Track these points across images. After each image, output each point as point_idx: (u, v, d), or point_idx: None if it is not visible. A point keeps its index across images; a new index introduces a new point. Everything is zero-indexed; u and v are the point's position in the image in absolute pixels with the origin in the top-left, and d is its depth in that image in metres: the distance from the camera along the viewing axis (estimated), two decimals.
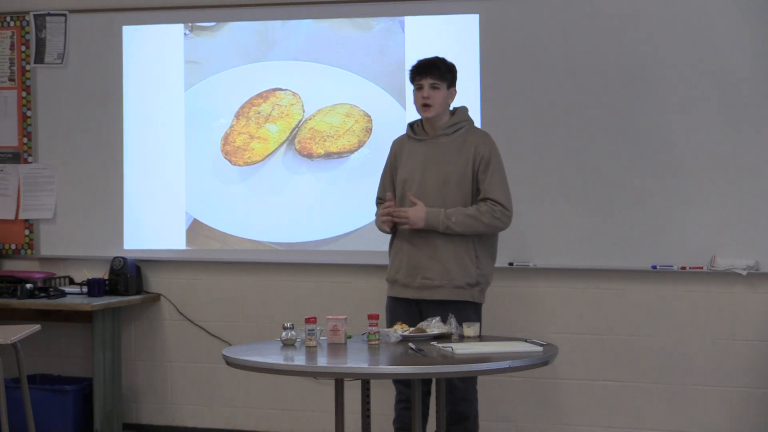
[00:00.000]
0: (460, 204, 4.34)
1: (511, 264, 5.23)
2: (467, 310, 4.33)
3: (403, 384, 4.41)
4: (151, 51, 5.76)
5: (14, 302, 5.45)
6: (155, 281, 5.79)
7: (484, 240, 4.41)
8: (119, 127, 5.76)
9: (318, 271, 5.56)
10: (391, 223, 4.39)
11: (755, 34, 4.97)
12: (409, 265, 4.38)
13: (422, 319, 4.26)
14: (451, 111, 4.49)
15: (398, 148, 4.56)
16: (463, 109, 4.52)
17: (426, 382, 4.24)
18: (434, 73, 4.39)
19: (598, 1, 5.15)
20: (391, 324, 4.23)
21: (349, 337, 4.03)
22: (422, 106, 4.40)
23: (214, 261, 5.69)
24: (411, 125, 4.55)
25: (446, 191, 4.35)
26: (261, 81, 5.60)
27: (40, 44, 5.86)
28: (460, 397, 4.34)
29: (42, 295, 5.50)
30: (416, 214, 4.30)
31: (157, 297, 5.78)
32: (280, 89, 5.59)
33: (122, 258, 5.65)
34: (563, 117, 5.18)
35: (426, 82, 4.38)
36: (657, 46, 5.07)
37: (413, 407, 3.77)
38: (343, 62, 5.48)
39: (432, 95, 4.38)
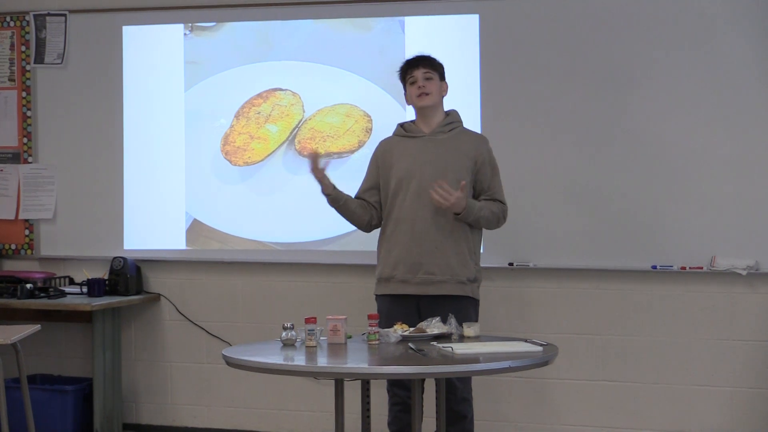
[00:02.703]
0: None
1: (511, 264, 5.23)
2: (467, 306, 4.36)
3: (399, 387, 4.40)
4: (151, 51, 5.76)
5: (14, 302, 5.44)
6: (155, 281, 5.79)
7: (476, 237, 4.45)
8: (119, 127, 5.76)
9: (318, 271, 5.56)
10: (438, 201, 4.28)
11: (755, 34, 4.97)
12: (409, 262, 4.37)
13: (420, 315, 4.27)
14: (445, 112, 4.53)
15: (387, 147, 4.54)
16: (455, 112, 4.56)
17: (420, 381, 4.22)
18: (426, 62, 4.47)
19: (597, 1, 5.15)
20: (389, 323, 4.21)
21: (349, 337, 4.03)
22: (419, 96, 4.43)
23: (214, 261, 5.69)
24: (402, 125, 4.57)
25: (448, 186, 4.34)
26: (261, 81, 5.60)
27: (40, 44, 5.86)
28: (459, 397, 4.34)
29: (42, 295, 5.50)
30: (459, 203, 4.25)
31: (157, 297, 5.78)
32: (280, 89, 5.59)
33: (122, 258, 5.65)
34: (563, 117, 5.18)
35: (419, 73, 4.44)
36: (657, 46, 5.07)
37: (413, 408, 3.77)
38: (343, 62, 5.48)
39: (427, 85, 4.43)
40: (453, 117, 4.52)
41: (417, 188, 4.37)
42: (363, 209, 4.53)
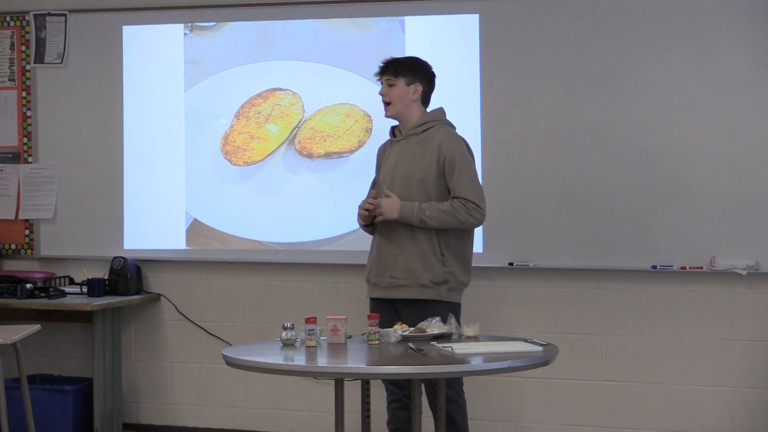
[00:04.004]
0: (425, 202, 4.36)
1: (511, 264, 5.23)
2: (440, 310, 4.26)
3: (394, 384, 4.41)
4: (151, 51, 5.76)
5: (14, 302, 5.44)
6: (155, 281, 5.79)
7: (451, 238, 4.38)
8: (119, 127, 5.76)
9: (318, 271, 5.56)
10: (367, 217, 4.41)
11: (756, 34, 4.97)
12: (378, 265, 4.43)
13: (399, 318, 4.27)
14: (428, 111, 4.52)
15: (381, 153, 4.63)
16: (438, 111, 4.54)
17: (419, 382, 4.21)
18: (388, 70, 4.46)
19: (597, 1, 5.15)
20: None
21: (349, 337, 4.03)
22: (383, 103, 4.49)
23: (214, 261, 5.69)
24: (392, 128, 4.60)
25: (410, 189, 4.37)
26: (261, 81, 5.60)
27: (40, 44, 5.86)
28: (448, 399, 4.32)
29: (42, 295, 5.50)
30: (389, 204, 4.33)
31: (157, 297, 5.78)
32: (280, 89, 5.59)
33: (122, 258, 5.65)
34: (563, 116, 5.18)
35: (383, 79, 4.48)
36: (658, 46, 5.07)
37: (413, 408, 3.77)
38: (343, 62, 5.48)
39: (388, 92, 4.45)
40: (430, 116, 4.50)
41: (388, 191, 4.42)
42: None
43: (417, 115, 4.49)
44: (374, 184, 4.63)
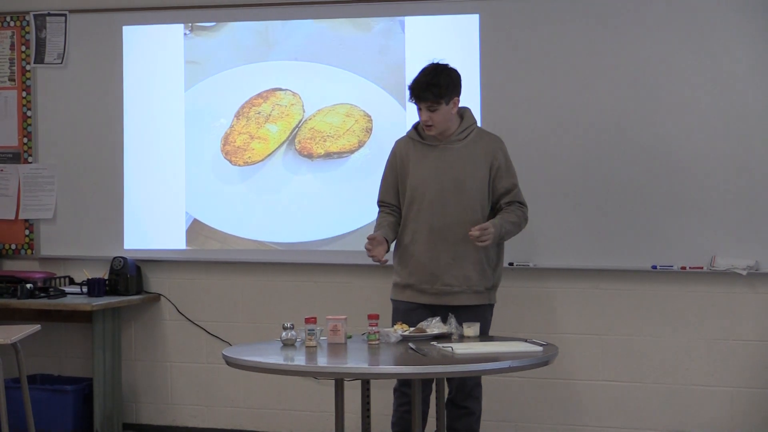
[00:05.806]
0: (478, 208, 4.35)
1: (511, 264, 5.22)
2: (484, 312, 4.41)
3: (409, 387, 4.37)
4: (151, 51, 5.76)
5: (14, 302, 5.45)
6: (155, 281, 5.80)
7: (500, 245, 4.47)
8: (119, 127, 5.76)
9: (318, 271, 5.56)
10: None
11: (755, 35, 4.97)
12: (427, 272, 4.36)
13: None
14: (459, 114, 4.45)
15: (403, 150, 4.49)
16: (469, 113, 4.49)
17: (427, 380, 4.24)
18: (428, 97, 4.30)
19: (598, 1, 5.15)
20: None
21: (349, 337, 4.03)
22: (425, 126, 4.38)
23: (214, 261, 5.69)
24: (417, 128, 4.49)
25: (462, 194, 4.34)
26: (261, 81, 5.60)
27: (40, 44, 5.86)
28: (468, 393, 4.35)
29: (42, 295, 5.50)
30: (491, 231, 4.25)
31: (157, 297, 5.78)
32: (280, 89, 5.59)
33: (122, 258, 5.65)
34: (563, 117, 5.18)
35: (423, 106, 4.33)
36: (657, 46, 5.07)
37: (413, 407, 3.77)
38: (343, 62, 5.48)
39: (431, 117, 4.33)
40: (467, 120, 4.44)
41: (432, 199, 4.36)
42: (397, 225, 4.48)
43: (455, 122, 4.42)
44: (387, 180, 4.52)
